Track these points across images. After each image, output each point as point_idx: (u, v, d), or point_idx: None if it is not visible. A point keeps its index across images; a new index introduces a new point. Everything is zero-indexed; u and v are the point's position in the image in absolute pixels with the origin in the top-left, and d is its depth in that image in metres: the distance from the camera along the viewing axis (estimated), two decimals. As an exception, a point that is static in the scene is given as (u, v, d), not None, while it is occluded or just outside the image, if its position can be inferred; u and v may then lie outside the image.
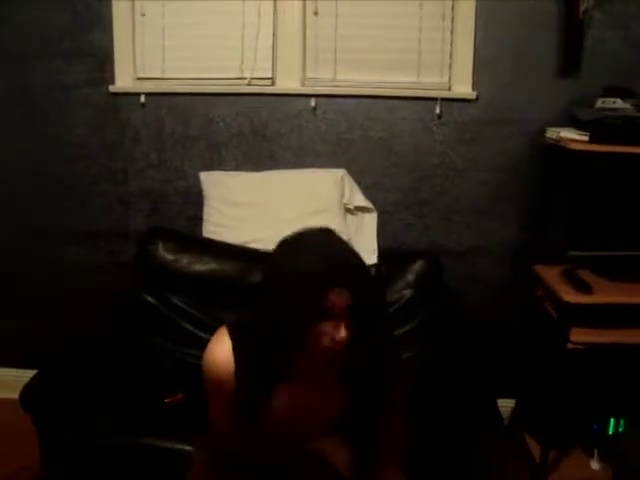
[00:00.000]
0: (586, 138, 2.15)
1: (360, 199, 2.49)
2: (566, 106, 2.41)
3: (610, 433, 2.41)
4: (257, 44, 2.49)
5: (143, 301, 2.32)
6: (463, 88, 2.47)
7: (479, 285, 2.61)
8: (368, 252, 2.34)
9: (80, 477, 1.86)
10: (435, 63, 2.48)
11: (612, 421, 2.40)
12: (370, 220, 2.50)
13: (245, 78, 2.53)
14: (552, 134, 2.33)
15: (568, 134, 2.22)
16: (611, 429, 2.41)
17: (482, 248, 2.59)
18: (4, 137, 2.64)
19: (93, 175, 2.64)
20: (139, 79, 2.55)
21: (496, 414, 1.84)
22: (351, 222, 2.47)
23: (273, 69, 2.52)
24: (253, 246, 2.37)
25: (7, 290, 2.78)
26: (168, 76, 2.55)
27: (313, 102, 2.51)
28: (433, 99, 2.48)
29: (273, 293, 1.30)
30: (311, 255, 1.27)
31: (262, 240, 2.36)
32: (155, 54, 2.53)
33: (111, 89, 2.54)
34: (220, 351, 1.37)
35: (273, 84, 2.54)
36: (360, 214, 2.50)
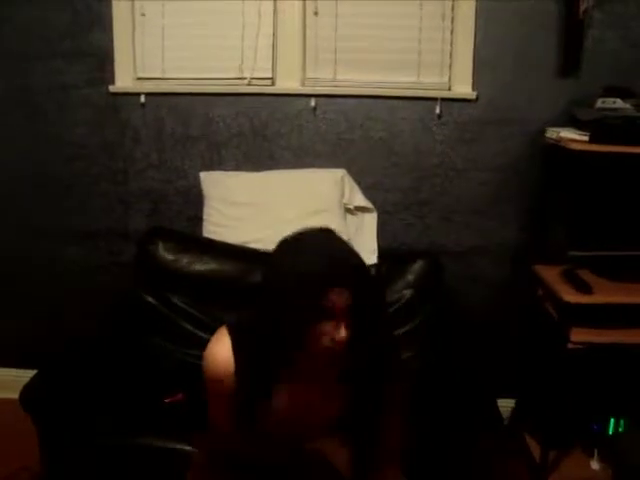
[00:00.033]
0: (586, 138, 2.15)
1: (360, 199, 2.49)
2: (566, 106, 2.42)
3: (610, 433, 2.41)
4: (257, 44, 2.49)
5: (143, 301, 2.32)
6: (463, 88, 2.47)
7: (479, 285, 2.61)
8: (368, 252, 2.34)
9: (80, 477, 1.86)
10: (435, 63, 2.48)
11: (612, 421, 2.40)
12: (370, 220, 2.50)
13: (245, 78, 2.53)
14: (552, 134, 2.33)
15: (568, 134, 2.22)
16: (611, 429, 2.41)
17: (482, 248, 2.59)
18: (4, 137, 2.64)
19: (93, 175, 2.64)
20: (139, 79, 2.55)
21: (496, 414, 1.84)
22: (351, 222, 2.47)
23: (273, 69, 2.53)
24: (253, 246, 2.37)
25: (7, 290, 2.78)
26: (168, 76, 2.55)
27: (313, 102, 2.51)
28: (433, 99, 2.48)
29: (273, 293, 1.30)
30: (311, 255, 1.27)
31: (262, 240, 2.36)
32: (155, 54, 2.53)
33: (111, 89, 2.54)
34: (220, 351, 1.37)
35: (273, 84, 2.54)
36: (360, 214, 2.50)
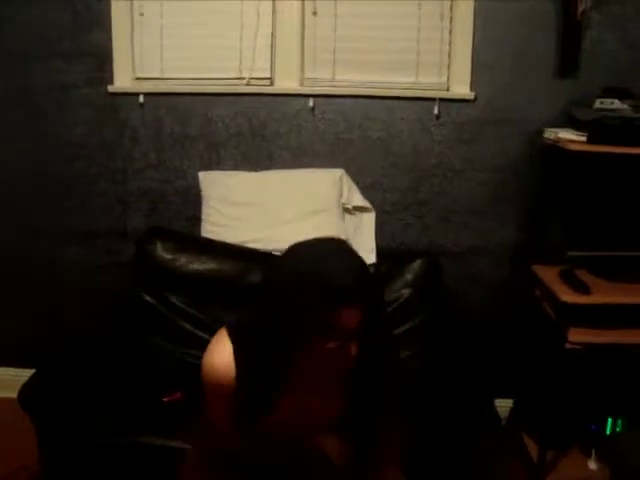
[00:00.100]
0: (584, 139, 2.15)
1: (358, 199, 2.49)
2: (564, 107, 2.42)
3: (608, 433, 2.41)
4: (256, 44, 2.50)
5: (142, 301, 2.32)
6: (461, 88, 2.47)
7: (477, 285, 2.62)
8: (367, 252, 2.34)
9: (79, 476, 1.87)
10: (433, 63, 2.48)
11: (610, 421, 2.41)
12: (368, 220, 2.50)
13: (244, 78, 2.53)
14: (550, 135, 2.33)
15: (566, 135, 2.22)
16: (609, 429, 2.41)
17: (480, 248, 2.60)
18: (4, 137, 2.64)
19: (92, 175, 2.64)
20: (138, 79, 2.56)
21: (494, 414, 1.85)
22: (349, 222, 2.47)
23: (272, 69, 2.53)
24: (252, 246, 2.37)
25: (7, 290, 2.78)
26: (167, 76, 2.55)
27: (312, 102, 2.51)
28: (431, 99, 2.48)
29: (282, 297, 1.26)
30: (329, 266, 1.24)
31: (261, 240, 2.37)
32: (154, 54, 2.53)
33: (110, 89, 2.54)
34: (220, 354, 1.35)
35: (272, 84, 2.54)
36: (358, 214, 2.50)
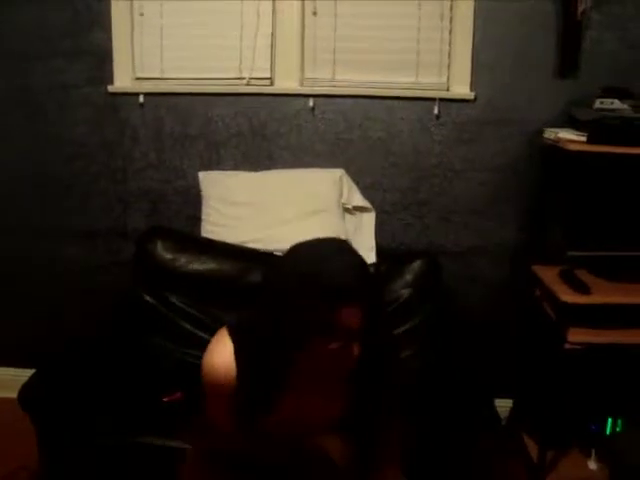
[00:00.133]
0: (584, 139, 2.15)
1: (358, 199, 2.49)
2: (564, 107, 2.41)
3: (608, 433, 2.41)
4: (256, 44, 2.50)
5: (142, 300, 2.32)
6: (461, 88, 2.47)
7: (477, 285, 2.62)
8: (366, 251, 2.34)
9: (79, 476, 1.87)
10: (433, 63, 2.48)
11: (610, 421, 2.41)
12: (368, 220, 2.50)
13: (244, 78, 2.53)
14: (550, 135, 2.33)
15: (566, 135, 2.22)
16: (609, 429, 2.41)
17: (480, 248, 2.60)
18: (4, 137, 2.64)
19: (92, 174, 2.64)
20: (138, 79, 2.56)
21: (493, 414, 1.85)
22: (349, 222, 2.47)
23: (272, 69, 2.53)
24: (252, 246, 2.37)
25: (7, 290, 2.78)
26: (167, 76, 2.55)
27: (312, 102, 2.51)
28: (431, 99, 2.48)
29: (283, 297, 1.26)
30: (331, 265, 1.24)
31: (261, 240, 2.37)
32: (154, 54, 2.53)
33: (110, 89, 2.54)
34: (221, 354, 1.35)
35: (272, 84, 2.54)
36: (358, 214, 2.50)
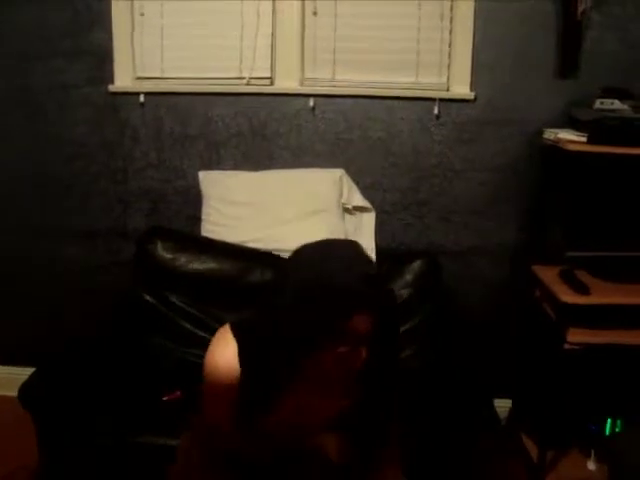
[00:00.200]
0: (584, 139, 2.15)
1: (358, 199, 2.49)
2: (564, 107, 2.42)
3: (607, 433, 2.41)
4: (256, 44, 2.50)
5: (142, 300, 2.32)
6: (461, 88, 2.47)
7: (477, 285, 2.62)
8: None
9: (78, 475, 1.87)
10: (434, 63, 2.48)
11: (609, 421, 2.41)
12: (368, 220, 2.50)
13: (244, 78, 2.53)
14: (550, 135, 2.33)
15: (566, 135, 2.22)
16: (608, 429, 2.41)
17: (480, 248, 2.60)
18: (4, 137, 2.65)
19: (92, 174, 2.64)
20: (138, 79, 2.56)
21: (493, 414, 1.85)
22: (349, 222, 2.47)
23: (272, 69, 2.53)
24: (251, 245, 2.38)
25: (7, 290, 2.78)
26: (167, 76, 2.55)
27: (312, 102, 2.51)
28: (431, 99, 2.48)
29: (294, 299, 1.24)
30: (343, 268, 1.23)
31: (261, 239, 2.38)
32: (154, 54, 2.53)
33: (110, 89, 2.54)
34: (224, 355, 1.33)
35: (272, 84, 2.54)
36: (358, 214, 2.50)
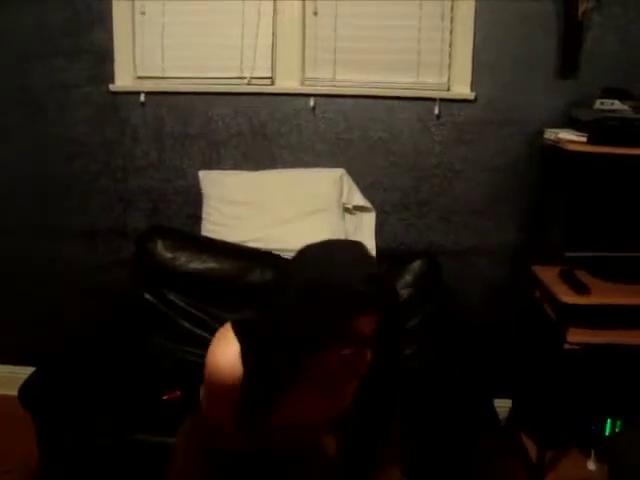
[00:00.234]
0: (584, 139, 2.15)
1: (359, 199, 2.49)
2: (565, 107, 2.42)
3: (607, 433, 2.41)
4: (257, 43, 2.50)
5: (142, 299, 2.32)
6: (462, 88, 2.47)
7: (477, 285, 2.62)
8: (366, 251, 2.35)
9: (78, 474, 1.87)
10: (434, 63, 2.48)
11: (609, 421, 2.41)
12: (369, 220, 2.50)
13: (245, 77, 2.53)
14: (550, 135, 2.33)
15: (566, 135, 2.22)
16: (608, 429, 2.41)
17: (480, 248, 2.60)
18: (4, 137, 2.64)
19: (93, 173, 2.64)
20: (139, 78, 2.56)
21: (493, 414, 1.85)
22: (350, 222, 2.47)
23: (272, 69, 2.53)
24: (251, 245, 2.38)
25: (7, 290, 2.78)
26: (168, 75, 2.55)
27: (312, 102, 2.51)
28: (432, 99, 2.48)
29: (298, 299, 1.22)
30: (349, 269, 1.21)
31: (261, 239, 2.38)
32: (155, 53, 2.53)
33: (111, 88, 2.55)
34: (226, 355, 1.30)
35: (272, 84, 2.54)
36: (359, 214, 2.50)
